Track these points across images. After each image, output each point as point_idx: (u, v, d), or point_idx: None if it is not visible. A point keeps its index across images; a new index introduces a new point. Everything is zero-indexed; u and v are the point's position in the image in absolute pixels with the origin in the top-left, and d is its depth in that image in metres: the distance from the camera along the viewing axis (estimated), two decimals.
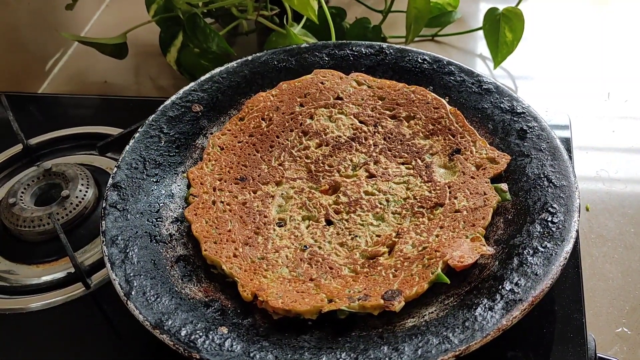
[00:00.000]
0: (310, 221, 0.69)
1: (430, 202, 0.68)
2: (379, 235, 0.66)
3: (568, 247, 0.60)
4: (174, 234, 0.69)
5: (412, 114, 0.77)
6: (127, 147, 0.74)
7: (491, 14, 1.02)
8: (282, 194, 0.72)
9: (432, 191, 0.69)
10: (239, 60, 0.84)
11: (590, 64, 1.07)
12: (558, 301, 0.66)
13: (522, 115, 0.74)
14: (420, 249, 0.64)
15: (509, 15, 1.00)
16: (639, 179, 0.90)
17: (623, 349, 0.73)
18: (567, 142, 0.79)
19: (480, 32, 1.05)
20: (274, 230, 0.68)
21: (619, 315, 0.76)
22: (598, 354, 0.65)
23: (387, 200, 0.69)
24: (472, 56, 1.10)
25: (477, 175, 0.69)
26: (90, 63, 1.13)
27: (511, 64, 1.05)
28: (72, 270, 0.72)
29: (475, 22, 1.15)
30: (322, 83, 0.81)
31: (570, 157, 0.76)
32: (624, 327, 0.75)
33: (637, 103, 1.00)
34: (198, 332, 0.58)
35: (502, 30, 1.01)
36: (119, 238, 0.66)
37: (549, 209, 0.64)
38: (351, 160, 0.74)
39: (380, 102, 0.79)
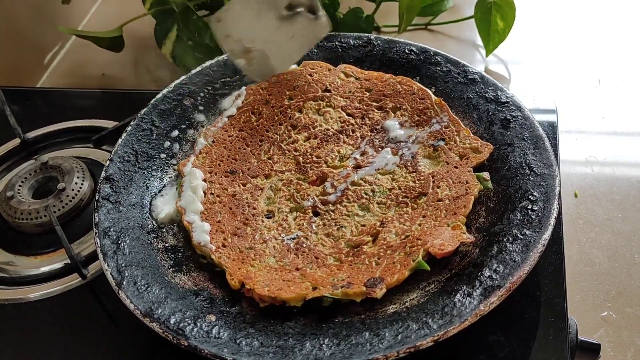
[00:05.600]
0: (298, 212, 0.70)
1: (414, 192, 0.69)
2: (363, 225, 0.68)
3: (546, 234, 0.62)
4: (164, 225, 0.71)
5: (398, 105, 0.78)
6: (120, 141, 0.76)
7: (483, 2, 1.03)
8: (270, 186, 0.73)
9: (417, 181, 0.70)
10: None
11: (582, 51, 1.08)
12: (541, 286, 0.67)
13: (506, 104, 0.75)
14: (403, 237, 0.65)
15: (501, 3, 1.01)
16: (628, 165, 0.91)
17: (608, 333, 0.75)
18: (552, 128, 0.80)
19: (474, 20, 1.05)
20: (263, 221, 0.70)
21: (604, 300, 0.77)
22: (580, 338, 0.66)
23: (373, 191, 0.70)
24: (465, 44, 1.11)
25: (460, 165, 0.70)
26: (89, 56, 1.15)
27: (504, 51, 1.06)
28: (69, 261, 0.73)
29: (468, 10, 1.15)
30: (310, 75, 0.82)
31: (556, 144, 0.77)
32: (609, 311, 0.76)
33: (627, 89, 1.01)
34: (187, 320, 0.60)
35: (494, 19, 1.01)
36: (111, 230, 0.68)
37: (530, 196, 0.65)
38: (338, 152, 0.75)
39: (368, 93, 0.80)
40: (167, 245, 0.69)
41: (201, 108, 0.82)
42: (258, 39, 0.78)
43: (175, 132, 0.79)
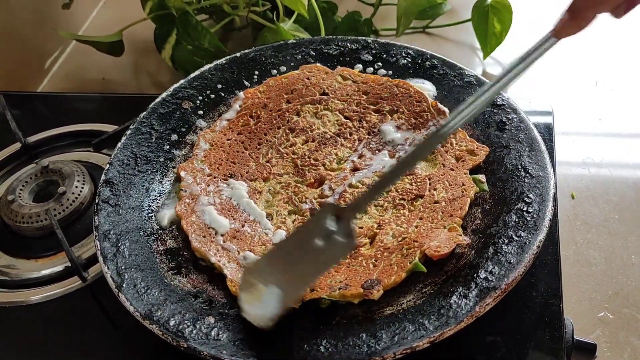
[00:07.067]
0: (296, 215, 0.71)
1: (411, 195, 0.70)
2: (361, 227, 0.68)
3: (541, 236, 0.62)
4: (164, 228, 0.71)
5: (395, 108, 0.79)
6: (119, 144, 0.76)
7: (480, 5, 1.03)
8: (269, 189, 0.74)
9: (413, 184, 0.71)
10: (227, 57, 0.86)
11: (579, 53, 1.08)
12: (537, 287, 0.67)
13: (502, 107, 0.75)
14: (399, 239, 0.66)
15: (497, 6, 1.01)
16: (624, 167, 0.92)
17: (605, 333, 0.75)
18: (549, 129, 0.80)
19: (471, 23, 1.06)
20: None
21: (601, 300, 0.78)
22: (576, 338, 0.66)
23: None
24: (463, 47, 1.12)
25: (457, 167, 0.71)
26: (89, 60, 1.15)
27: (501, 54, 1.06)
28: (70, 264, 0.74)
29: (465, 14, 1.15)
30: (308, 79, 0.83)
31: (552, 146, 0.78)
32: (606, 311, 0.77)
33: (623, 91, 1.01)
34: (186, 322, 0.61)
35: (491, 22, 1.02)
36: (111, 232, 0.68)
37: (525, 199, 0.66)
38: (336, 155, 0.76)
39: (365, 96, 0.80)
40: (166, 247, 0.69)
41: (200, 112, 0.82)
42: (273, 277, 0.61)
43: (175, 136, 0.80)
